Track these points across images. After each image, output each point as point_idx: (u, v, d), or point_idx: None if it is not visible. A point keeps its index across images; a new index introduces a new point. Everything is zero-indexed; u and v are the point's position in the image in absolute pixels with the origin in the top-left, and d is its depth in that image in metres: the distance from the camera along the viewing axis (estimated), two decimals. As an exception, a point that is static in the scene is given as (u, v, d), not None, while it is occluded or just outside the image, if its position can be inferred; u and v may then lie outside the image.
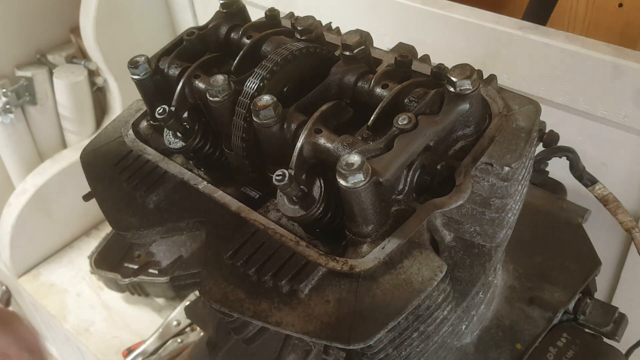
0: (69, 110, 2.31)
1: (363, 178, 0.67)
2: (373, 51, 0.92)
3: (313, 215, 0.76)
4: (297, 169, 0.75)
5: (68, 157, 2.26)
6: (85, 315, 2.14)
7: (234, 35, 0.95)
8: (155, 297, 2.13)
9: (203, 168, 0.93)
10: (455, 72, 0.76)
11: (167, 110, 0.86)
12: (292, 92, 0.85)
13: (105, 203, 0.92)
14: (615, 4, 1.78)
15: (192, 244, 0.92)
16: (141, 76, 0.90)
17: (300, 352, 1.08)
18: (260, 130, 0.78)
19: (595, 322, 1.06)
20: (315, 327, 0.71)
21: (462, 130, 0.80)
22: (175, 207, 0.89)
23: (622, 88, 1.29)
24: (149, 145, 0.95)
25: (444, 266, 0.74)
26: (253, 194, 0.89)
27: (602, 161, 1.42)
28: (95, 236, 2.40)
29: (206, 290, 0.78)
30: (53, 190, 2.22)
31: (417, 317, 0.78)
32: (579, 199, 1.26)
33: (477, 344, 1.00)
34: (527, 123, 0.82)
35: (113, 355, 2.00)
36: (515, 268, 1.10)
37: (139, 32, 2.27)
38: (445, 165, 0.78)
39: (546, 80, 1.40)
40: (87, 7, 2.10)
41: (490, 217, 0.83)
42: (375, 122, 0.77)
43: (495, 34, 1.42)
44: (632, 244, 1.42)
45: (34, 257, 2.33)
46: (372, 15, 1.64)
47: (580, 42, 1.33)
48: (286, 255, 0.76)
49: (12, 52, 2.22)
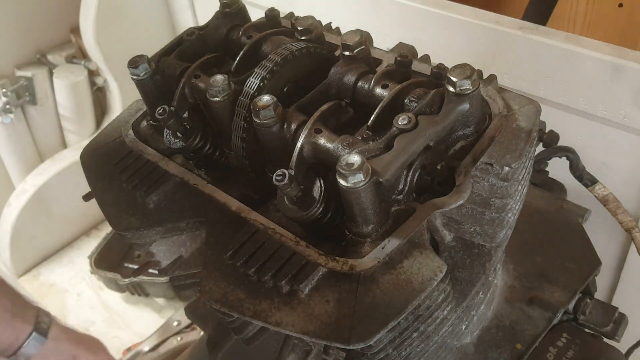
0: (69, 110, 2.31)
1: (363, 178, 0.67)
2: (373, 51, 0.92)
3: (313, 215, 0.76)
4: (297, 169, 0.75)
5: (68, 157, 2.26)
6: (85, 315, 2.14)
7: (234, 35, 0.95)
8: (155, 297, 2.13)
9: (203, 168, 0.93)
10: (455, 72, 0.75)
11: (167, 110, 0.86)
12: (292, 92, 0.85)
13: (105, 203, 0.92)
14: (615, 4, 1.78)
15: (192, 244, 0.92)
16: (141, 76, 0.90)
17: (300, 352, 1.08)
18: (260, 130, 0.78)
19: (595, 322, 1.06)
20: (315, 327, 0.71)
21: (462, 130, 0.80)
22: (175, 207, 0.89)
23: (622, 88, 1.29)
24: (149, 145, 0.95)
25: (444, 266, 0.74)
26: (253, 194, 0.89)
27: (602, 161, 1.42)
28: (95, 236, 2.40)
29: (206, 290, 0.78)
30: (53, 190, 2.22)
31: (417, 317, 0.78)
32: (579, 199, 1.26)
33: (477, 344, 1.00)
34: (527, 123, 0.82)
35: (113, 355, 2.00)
36: (515, 268, 1.10)
37: (139, 32, 2.27)
38: (445, 165, 0.78)
39: (546, 80, 1.40)
40: (87, 7, 2.10)
41: (490, 217, 0.83)
42: (375, 122, 0.77)
43: (495, 34, 1.42)
44: (632, 244, 1.42)
45: (34, 257, 2.33)
46: (372, 15, 1.64)
47: (580, 42, 1.33)
48: (286, 255, 0.76)
49: (12, 52, 2.22)
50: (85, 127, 2.38)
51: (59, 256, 2.36)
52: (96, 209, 0.93)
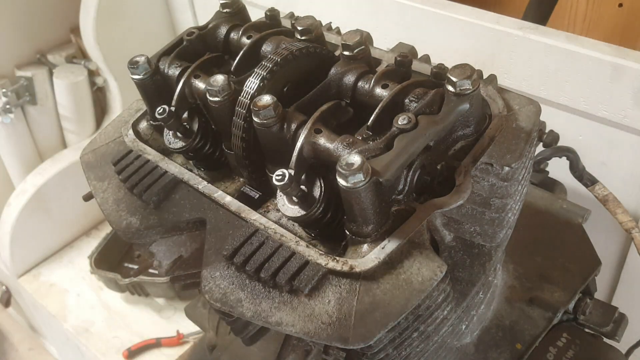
0: (69, 110, 2.32)
1: (363, 178, 0.67)
2: (373, 51, 0.92)
3: (313, 215, 0.76)
4: (297, 169, 0.75)
5: (68, 157, 2.26)
6: (85, 315, 2.14)
7: (234, 35, 0.95)
8: (155, 297, 2.13)
9: (203, 168, 0.93)
10: (455, 72, 0.75)
11: (167, 110, 0.86)
12: (292, 92, 0.85)
13: (105, 203, 0.92)
14: (615, 4, 1.78)
15: (192, 244, 0.92)
16: (141, 76, 0.90)
17: (300, 352, 1.08)
18: (260, 130, 0.78)
19: (595, 322, 1.06)
20: (315, 327, 0.71)
21: (462, 130, 0.80)
22: (175, 207, 0.89)
23: (622, 88, 1.29)
24: (149, 145, 0.95)
25: (444, 266, 0.74)
26: (253, 194, 0.89)
27: (602, 161, 1.42)
28: (95, 236, 2.40)
29: (206, 290, 0.78)
30: (53, 190, 2.22)
31: (417, 317, 0.78)
32: (579, 199, 1.26)
33: (477, 344, 1.00)
34: (527, 123, 0.82)
35: (113, 355, 2.00)
36: (515, 268, 1.10)
37: (139, 32, 2.27)
38: (445, 165, 0.78)
39: (546, 80, 1.40)
40: (87, 7, 2.10)
41: (490, 217, 0.83)
42: (375, 122, 0.77)
43: (495, 34, 1.42)
44: (632, 244, 1.42)
45: (34, 257, 2.33)
46: (372, 15, 1.64)
47: (580, 42, 1.33)
48: (286, 255, 0.76)
49: (12, 52, 2.22)
50: (85, 127, 2.38)
51: (59, 256, 2.37)
52: (96, 209, 0.93)
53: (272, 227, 0.79)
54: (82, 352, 2.14)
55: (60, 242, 2.38)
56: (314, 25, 0.90)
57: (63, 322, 2.14)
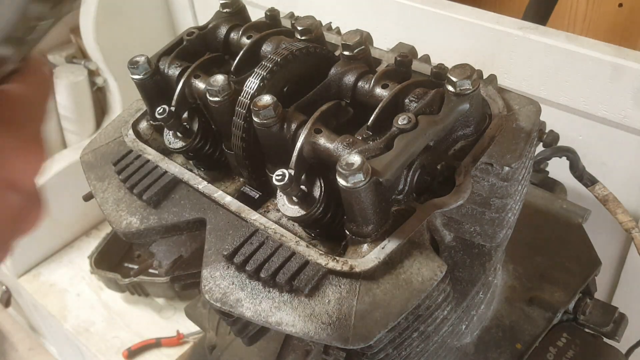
0: (69, 110, 2.31)
1: (363, 178, 0.67)
2: (373, 51, 0.92)
3: (313, 215, 0.76)
4: (297, 169, 0.75)
5: (68, 157, 2.26)
6: (85, 315, 2.14)
7: (234, 35, 0.95)
8: (155, 297, 2.13)
9: (203, 168, 0.93)
10: (455, 72, 0.75)
11: (167, 110, 0.86)
12: (292, 92, 0.84)
13: (105, 203, 0.92)
14: (615, 4, 1.78)
15: (192, 244, 0.92)
16: (141, 76, 0.90)
17: (300, 352, 1.08)
18: (260, 130, 0.78)
19: (595, 322, 1.06)
20: (315, 327, 0.71)
21: (462, 130, 0.80)
22: (175, 207, 0.89)
23: (622, 88, 1.29)
24: (149, 145, 0.95)
25: (444, 266, 0.74)
26: (253, 194, 0.89)
27: (602, 161, 1.42)
28: (95, 236, 2.40)
29: (206, 290, 0.78)
30: (53, 190, 2.22)
31: (417, 317, 0.78)
32: (579, 199, 1.26)
33: (477, 344, 1.00)
34: (527, 123, 0.82)
35: (113, 355, 2.00)
36: (515, 268, 1.10)
37: (139, 32, 2.27)
38: (445, 165, 0.78)
39: (546, 80, 1.40)
40: (87, 7, 2.10)
41: (490, 217, 0.83)
42: (375, 122, 0.77)
43: (495, 34, 1.42)
44: (632, 244, 1.42)
45: (34, 257, 2.33)
46: (372, 15, 1.64)
47: (580, 42, 1.33)
48: (286, 255, 0.76)
49: (12, 52, 2.21)
50: (85, 127, 2.38)
51: (59, 256, 2.36)
52: (96, 209, 0.93)
53: (272, 227, 0.79)
54: (82, 352, 2.14)
55: (60, 242, 2.38)
56: (314, 25, 0.90)
57: (63, 322, 2.14)
